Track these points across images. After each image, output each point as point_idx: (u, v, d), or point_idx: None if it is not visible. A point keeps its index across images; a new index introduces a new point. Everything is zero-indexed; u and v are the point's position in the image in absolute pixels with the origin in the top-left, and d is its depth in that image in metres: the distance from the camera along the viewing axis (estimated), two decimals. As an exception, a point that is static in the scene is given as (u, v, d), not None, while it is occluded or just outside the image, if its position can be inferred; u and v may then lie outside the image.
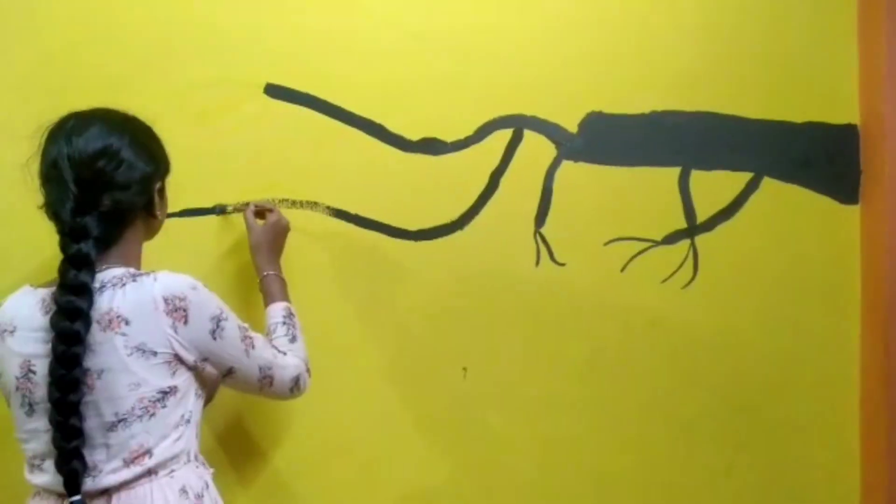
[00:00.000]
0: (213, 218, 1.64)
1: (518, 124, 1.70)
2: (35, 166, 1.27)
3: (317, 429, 1.66)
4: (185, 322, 1.24)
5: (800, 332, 1.74)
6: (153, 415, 1.22)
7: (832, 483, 1.74)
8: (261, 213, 1.59)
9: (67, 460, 1.19)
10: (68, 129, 1.26)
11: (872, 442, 1.71)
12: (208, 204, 1.63)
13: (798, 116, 1.74)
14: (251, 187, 1.64)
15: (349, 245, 1.67)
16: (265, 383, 1.36)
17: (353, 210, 1.68)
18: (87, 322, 1.19)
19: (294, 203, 1.65)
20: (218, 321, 1.28)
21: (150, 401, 1.22)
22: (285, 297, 1.52)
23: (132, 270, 1.26)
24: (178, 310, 1.23)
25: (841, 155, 1.75)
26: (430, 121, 1.68)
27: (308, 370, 1.44)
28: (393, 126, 1.68)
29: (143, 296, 1.22)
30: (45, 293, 1.24)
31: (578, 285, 1.71)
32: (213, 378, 1.33)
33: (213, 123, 1.63)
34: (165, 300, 1.22)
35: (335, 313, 1.67)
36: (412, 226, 1.69)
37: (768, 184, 1.74)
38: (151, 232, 1.36)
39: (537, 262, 1.71)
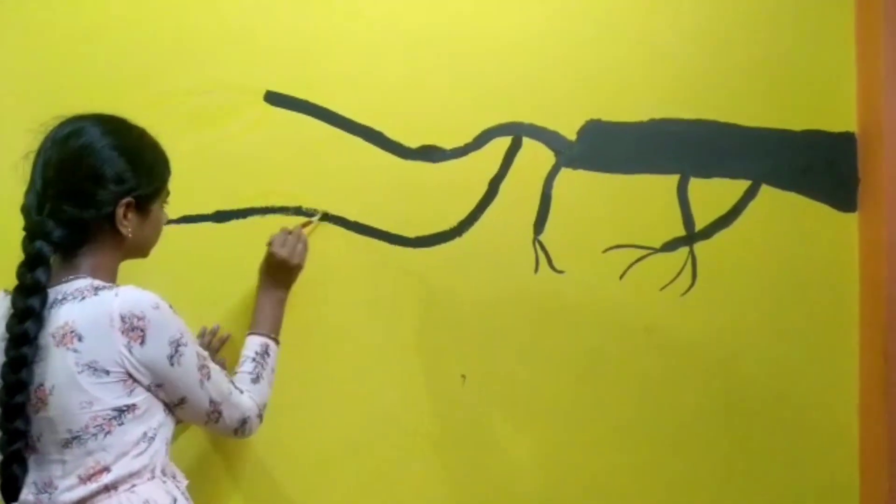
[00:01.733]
0: (211, 225, 1.64)
1: (517, 132, 1.71)
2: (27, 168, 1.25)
3: (314, 435, 1.66)
4: (142, 343, 1.18)
5: (799, 339, 1.74)
6: (109, 432, 1.18)
7: (831, 490, 1.73)
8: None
9: (7, 464, 1.16)
10: (57, 127, 1.24)
11: (871, 449, 1.71)
12: (206, 211, 1.62)
13: (796, 124, 1.74)
14: (250, 194, 1.65)
15: (348, 252, 1.67)
16: (212, 418, 1.30)
17: (352, 217, 1.68)
18: (39, 322, 1.16)
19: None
20: (177, 346, 1.22)
21: (104, 419, 1.17)
22: (270, 332, 1.49)
23: (96, 283, 1.20)
24: (134, 329, 1.17)
25: (839, 163, 1.75)
26: (430, 128, 1.69)
27: (261, 416, 1.39)
28: (392, 133, 1.68)
29: (100, 311, 1.17)
30: (10, 299, 1.21)
31: (577, 292, 1.71)
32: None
33: (212, 130, 1.64)
34: (122, 318, 1.16)
35: (334, 320, 1.67)
36: (411, 233, 1.69)
37: (767, 191, 1.74)
38: (129, 249, 1.29)
39: (536, 270, 1.71)
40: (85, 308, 1.17)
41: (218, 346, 1.58)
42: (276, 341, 1.51)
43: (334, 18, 1.67)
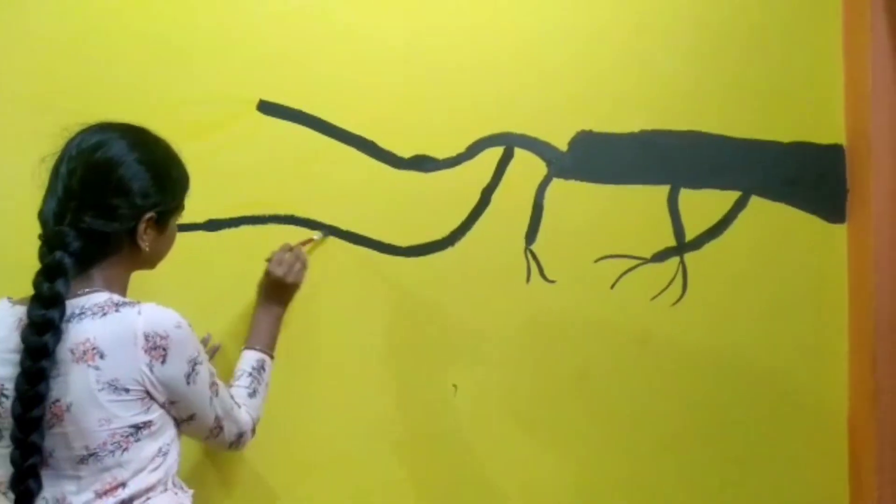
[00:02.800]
0: (203, 234, 1.64)
1: (509, 142, 1.71)
2: (42, 174, 1.22)
3: (305, 444, 1.65)
4: (163, 362, 1.17)
5: (788, 348, 1.75)
6: (126, 449, 1.17)
7: (822, 497, 1.74)
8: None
9: (23, 479, 1.13)
10: (82, 135, 1.21)
11: (861, 456, 1.72)
12: (199, 220, 1.62)
13: (785, 136, 1.76)
14: (242, 203, 1.64)
15: (340, 261, 1.68)
16: (213, 433, 1.31)
17: (344, 226, 1.68)
18: (58, 335, 1.13)
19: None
20: (194, 364, 1.22)
21: (122, 436, 1.17)
22: (265, 347, 1.50)
23: (115, 298, 1.19)
24: (157, 348, 1.16)
25: (827, 174, 1.76)
26: (422, 138, 1.69)
27: (254, 430, 1.40)
28: (385, 143, 1.69)
29: (124, 329, 1.15)
30: (23, 310, 1.17)
31: (568, 302, 1.72)
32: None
33: (205, 139, 1.63)
34: (146, 336, 1.16)
35: (325, 329, 1.67)
36: (403, 242, 1.69)
37: (756, 202, 1.75)
38: (142, 262, 1.28)
39: (528, 279, 1.72)
40: (107, 325, 1.15)
41: (210, 355, 1.57)
42: (272, 357, 1.52)
43: (327, 28, 1.68)
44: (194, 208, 1.61)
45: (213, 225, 1.64)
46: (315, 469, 1.66)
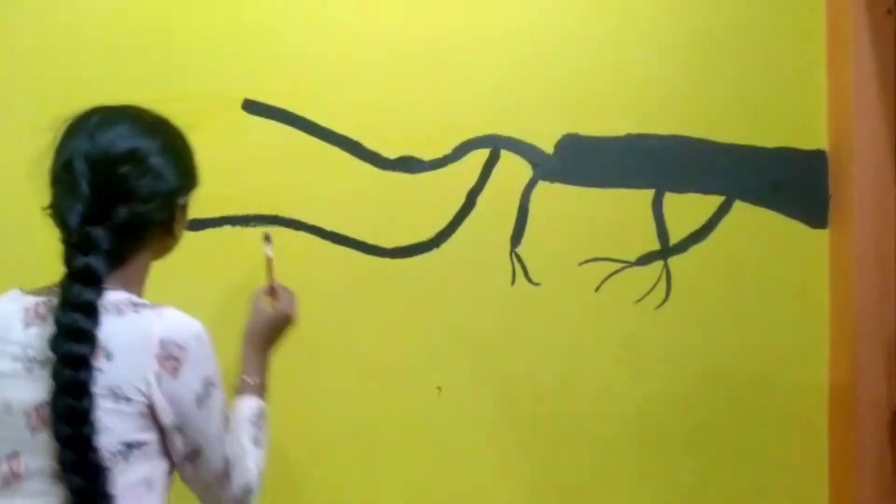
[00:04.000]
0: (190, 234, 1.61)
1: (495, 144, 1.71)
2: (43, 163, 1.11)
3: (287, 445, 1.64)
4: (175, 375, 1.04)
5: (770, 351, 1.76)
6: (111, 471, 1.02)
7: (802, 499, 1.76)
8: (272, 290, 1.41)
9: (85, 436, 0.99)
10: (92, 124, 1.10)
11: (841, 459, 1.74)
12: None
13: (769, 142, 1.77)
14: (227, 202, 1.63)
15: (324, 262, 1.67)
16: (221, 482, 1.13)
17: (328, 227, 1.67)
18: (94, 345, 1.01)
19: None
20: (209, 387, 1.08)
21: (110, 453, 1.02)
22: (263, 394, 1.34)
23: (133, 299, 1.08)
24: (170, 358, 1.04)
25: (810, 180, 1.78)
26: (408, 139, 1.69)
27: (259, 486, 1.21)
28: (370, 144, 1.68)
29: (139, 331, 1.04)
30: (32, 303, 1.07)
31: (553, 305, 1.72)
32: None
33: (189, 138, 1.61)
34: (162, 342, 1.04)
35: (309, 331, 1.65)
36: (388, 243, 1.69)
37: (739, 207, 1.76)
38: (164, 251, 1.19)
39: (513, 282, 1.72)
40: (122, 325, 1.04)
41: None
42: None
43: (313, 27, 1.67)
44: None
45: (195, 225, 1.62)
46: (298, 470, 1.65)
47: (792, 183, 1.77)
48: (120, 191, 1.08)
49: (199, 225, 1.63)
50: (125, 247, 1.10)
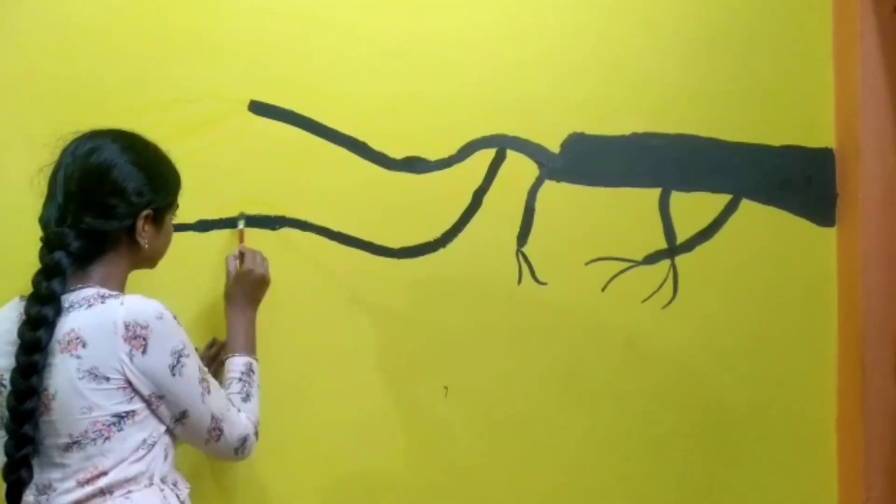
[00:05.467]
0: (194, 234, 1.63)
1: (501, 144, 1.71)
2: (41, 183, 1.28)
3: (295, 444, 1.65)
4: (144, 352, 1.20)
5: (778, 351, 1.76)
6: (108, 438, 1.20)
7: (810, 500, 1.76)
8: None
9: (15, 468, 1.18)
10: (76, 142, 1.28)
11: (849, 460, 1.73)
12: (189, 220, 1.61)
13: (776, 140, 1.77)
14: (233, 203, 1.64)
15: (331, 263, 1.67)
16: (213, 436, 1.30)
17: (335, 227, 1.67)
18: (51, 331, 1.19)
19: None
20: (179, 356, 1.24)
21: (104, 424, 1.20)
22: (249, 351, 1.49)
23: (103, 292, 1.24)
24: (137, 337, 1.20)
25: (817, 178, 1.78)
26: (414, 139, 1.69)
27: (257, 433, 1.39)
28: (376, 144, 1.68)
29: (105, 318, 1.20)
30: (24, 306, 1.24)
31: (560, 304, 1.72)
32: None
33: (196, 139, 1.62)
34: (126, 325, 1.19)
35: (316, 331, 1.66)
36: (395, 244, 1.69)
37: (747, 206, 1.76)
38: (142, 260, 1.33)
39: (519, 281, 1.72)
40: (91, 315, 1.20)
41: (213, 358, 1.56)
42: (256, 360, 1.50)
43: (319, 29, 1.67)
44: (184, 209, 1.61)
45: (203, 226, 1.63)
46: (306, 469, 1.65)
47: (799, 181, 1.77)
48: (88, 200, 1.25)
49: (206, 226, 1.63)
50: (93, 248, 1.25)
